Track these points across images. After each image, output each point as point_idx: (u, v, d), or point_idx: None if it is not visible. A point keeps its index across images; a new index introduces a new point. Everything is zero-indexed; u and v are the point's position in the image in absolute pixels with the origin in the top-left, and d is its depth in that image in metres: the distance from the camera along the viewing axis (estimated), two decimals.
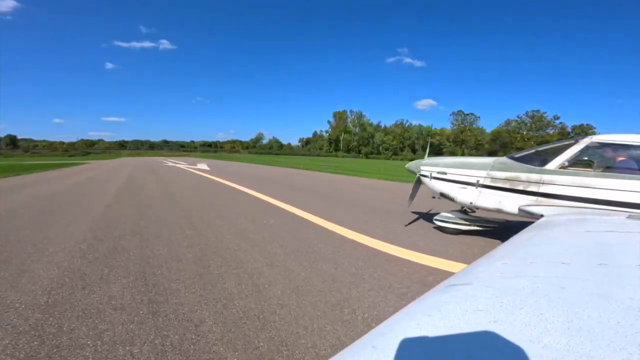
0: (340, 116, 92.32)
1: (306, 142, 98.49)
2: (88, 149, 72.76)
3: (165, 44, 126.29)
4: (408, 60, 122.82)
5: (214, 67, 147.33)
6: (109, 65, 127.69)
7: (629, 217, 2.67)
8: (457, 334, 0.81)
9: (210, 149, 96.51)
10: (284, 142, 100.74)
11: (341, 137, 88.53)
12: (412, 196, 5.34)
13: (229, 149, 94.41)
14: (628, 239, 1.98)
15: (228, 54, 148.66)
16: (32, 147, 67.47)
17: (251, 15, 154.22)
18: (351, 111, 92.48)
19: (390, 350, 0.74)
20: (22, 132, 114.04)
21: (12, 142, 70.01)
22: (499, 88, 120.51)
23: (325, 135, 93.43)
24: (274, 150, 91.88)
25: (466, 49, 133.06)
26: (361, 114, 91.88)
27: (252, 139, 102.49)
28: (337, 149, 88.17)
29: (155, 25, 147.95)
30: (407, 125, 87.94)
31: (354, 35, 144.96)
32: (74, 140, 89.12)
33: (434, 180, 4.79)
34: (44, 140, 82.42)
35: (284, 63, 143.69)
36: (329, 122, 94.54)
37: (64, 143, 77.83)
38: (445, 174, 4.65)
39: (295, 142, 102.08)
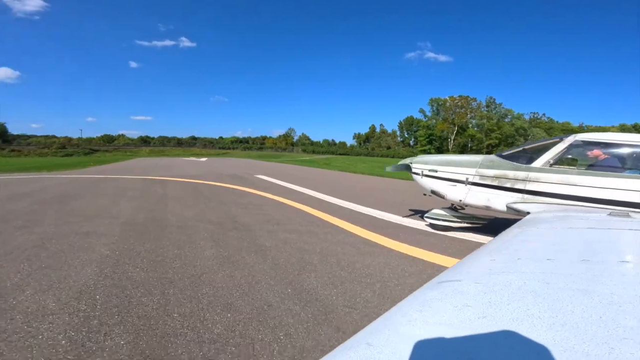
0: (449, 103, 63.74)
1: (365, 139, 79.55)
2: (95, 145, 61.34)
3: (185, 41, 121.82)
4: (431, 54, 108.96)
5: (231, 64, 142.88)
6: (133, 64, 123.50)
7: (610, 214, 2.74)
8: (447, 329, 0.83)
9: (249, 145, 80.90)
10: (313, 139, 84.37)
11: (451, 134, 62.41)
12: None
13: (272, 146, 77.97)
14: (609, 235, 2.04)
15: (245, 51, 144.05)
16: (25, 144, 57.53)
17: (264, 11, 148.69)
18: (468, 97, 62.94)
19: (384, 347, 0.76)
20: (53, 130, 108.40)
21: (0, 135, 57.53)
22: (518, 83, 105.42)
23: (389, 131, 71.99)
24: (332, 149, 72.36)
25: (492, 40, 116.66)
26: (494, 100, 64.11)
27: (280, 136, 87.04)
28: (440, 149, 62.42)
29: (173, 23, 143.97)
30: (543, 118, 65.01)
31: (376, 31, 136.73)
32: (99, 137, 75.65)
33: (425, 178, 4.88)
34: (65, 137, 67.72)
35: (295, 59, 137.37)
36: (421, 110, 68.65)
37: (80, 138, 67.40)
38: (436, 171, 4.73)
39: (339, 139, 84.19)
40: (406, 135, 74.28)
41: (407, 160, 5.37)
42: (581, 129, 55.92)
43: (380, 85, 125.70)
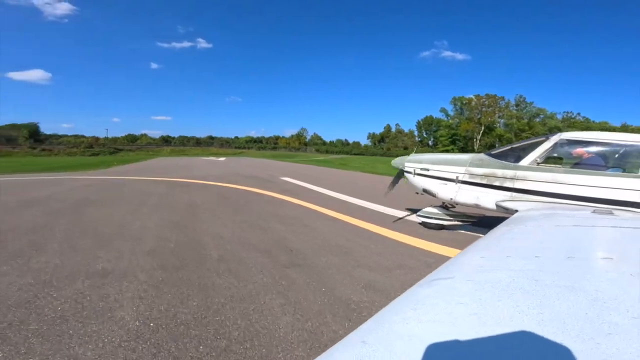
0: (474, 102, 59.67)
1: (380, 139, 76.07)
2: (119, 145, 62.34)
3: (201, 42, 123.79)
4: (448, 53, 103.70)
5: (245, 65, 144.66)
6: (154, 66, 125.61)
7: (593, 211, 2.80)
8: (440, 327, 0.85)
9: (263, 145, 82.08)
10: (325, 139, 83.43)
11: (477, 134, 58.24)
12: (391, 186, 5.53)
13: (286, 146, 78.21)
14: (594, 233, 2.09)
15: (258, 51, 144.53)
16: (56, 143, 57.33)
17: (277, 12, 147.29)
18: (495, 96, 58.71)
19: (379, 345, 0.78)
20: (82, 130, 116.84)
21: (32, 135, 57.03)
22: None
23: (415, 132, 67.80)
24: (346, 148, 70.54)
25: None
26: (524, 99, 59.36)
27: (293, 136, 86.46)
28: (465, 149, 58.11)
29: (191, 24, 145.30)
30: (577, 118, 59.07)
31: (388, 31, 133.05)
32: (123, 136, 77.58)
33: (417, 177, 4.91)
34: (93, 137, 68.51)
35: (306, 59, 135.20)
36: (442, 110, 64.67)
37: (107, 138, 69.01)
38: (427, 170, 4.76)
39: (352, 139, 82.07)
40: (425, 135, 70.71)
41: (399, 160, 5.38)
42: (624, 129, 50.92)
43: (394, 85, 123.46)
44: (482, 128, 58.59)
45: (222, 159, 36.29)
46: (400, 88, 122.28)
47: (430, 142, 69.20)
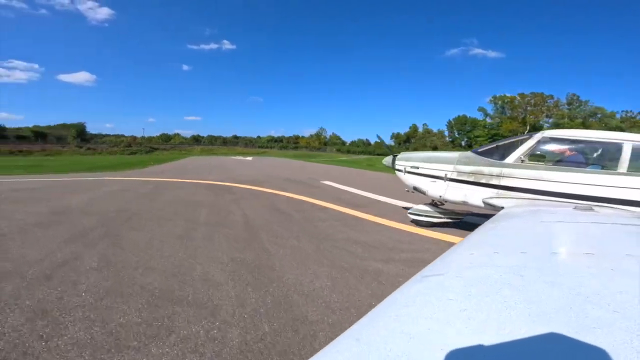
0: (518, 101, 56.07)
1: (405, 139, 72.38)
2: (154, 144, 67.53)
3: (226, 43, 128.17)
4: (478, 51, 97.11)
5: (265, 65, 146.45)
6: (185, 67, 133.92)
7: (575, 208, 2.87)
8: (432, 323, 0.86)
9: (284, 144, 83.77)
10: (344, 139, 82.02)
11: (521, 135, 46.36)
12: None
13: (306, 146, 79.31)
14: (576, 229, 2.16)
15: (276, 52, 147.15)
16: (100, 142, 63.23)
17: (294, 12, 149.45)
18: (543, 94, 53.81)
19: (373, 342, 0.79)
20: (122, 130, 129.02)
21: (79, 134, 61.51)
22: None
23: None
24: (368, 149, 66.80)
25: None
26: (577, 97, 53.18)
27: (313, 135, 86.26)
28: None
29: (217, 26, 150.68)
30: (638, 117, 51.15)
31: (412, 30, 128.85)
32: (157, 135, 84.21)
33: (407, 175, 4.97)
34: (131, 136, 73.17)
35: (322, 59, 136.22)
36: (481, 109, 61.30)
37: (143, 137, 73.52)
38: (417, 168, 4.83)
39: (373, 139, 76.10)
40: (457, 135, 67.01)
41: (390, 158, 5.43)
42: None
43: (419, 86, 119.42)
44: (528, 128, 53.14)
45: (249, 158, 36.92)
46: (425, 89, 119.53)
47: (463, 143, 65.73)
